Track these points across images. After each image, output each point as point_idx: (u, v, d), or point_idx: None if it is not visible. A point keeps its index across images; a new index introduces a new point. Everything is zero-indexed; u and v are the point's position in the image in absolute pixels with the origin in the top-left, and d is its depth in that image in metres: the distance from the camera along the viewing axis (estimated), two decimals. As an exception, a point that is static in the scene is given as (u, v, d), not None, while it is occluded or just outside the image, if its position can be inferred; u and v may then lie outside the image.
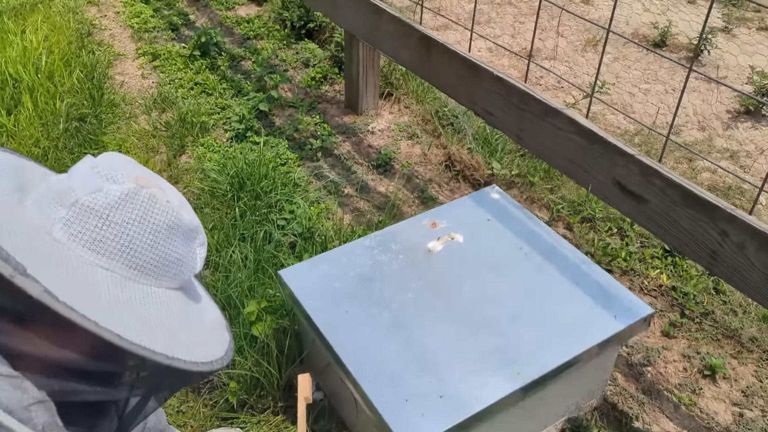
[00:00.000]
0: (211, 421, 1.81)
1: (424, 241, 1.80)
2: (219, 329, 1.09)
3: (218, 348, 1.04)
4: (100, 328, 0.84)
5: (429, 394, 1.42)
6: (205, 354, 0.99)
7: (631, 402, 1.87)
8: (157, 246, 0.96)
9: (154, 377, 1.02)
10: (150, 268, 0.96)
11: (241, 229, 2.30)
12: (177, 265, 0.99)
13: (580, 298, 1.63)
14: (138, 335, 0.88)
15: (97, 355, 0.93)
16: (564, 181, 2.63)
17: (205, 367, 0.97)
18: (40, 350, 0.89)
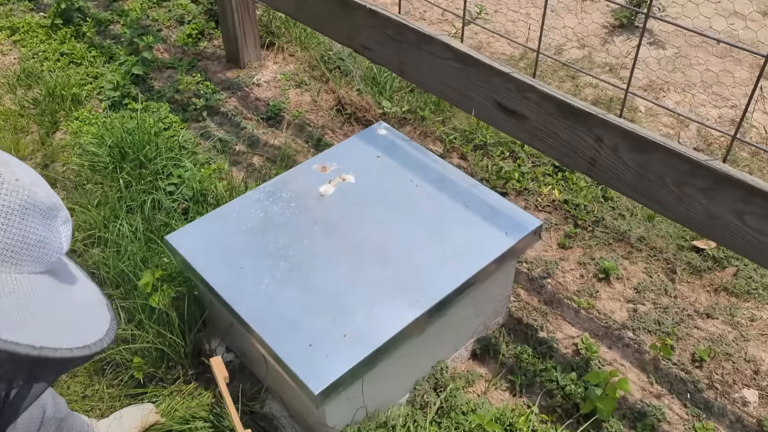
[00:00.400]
0: (120, 401, 1.75)
1: (315, 186, 1.77)
2: (97, 309, 1.03)
3: (97, 329, 0.97)
4: None
5: (332, 334, 1.41)
6: (81, 338, 0.93)
7: (535, 314, 1.94)
8: (10, 229, 0.88)
9: (24, 369, 0.95)
10: (6, 254, 0.88)
11: (127, 201, 2.18)
12: (38, 247, 0.92)
13: (472, 221, 1.65)
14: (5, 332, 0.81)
15: None
16: (454, 112, 2.64)
17: (81, 351, 0.91)
18: None
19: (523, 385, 1.76)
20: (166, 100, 2.78)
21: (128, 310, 1.83)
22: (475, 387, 1.79)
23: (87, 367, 1.81)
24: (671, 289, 1.99)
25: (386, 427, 1.56)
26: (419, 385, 1.70)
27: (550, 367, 1.77)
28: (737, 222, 1.44)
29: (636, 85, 2.93)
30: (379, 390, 1.56)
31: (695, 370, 1.79)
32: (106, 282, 1.93)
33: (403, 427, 1.57)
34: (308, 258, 1.58)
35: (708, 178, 1.44)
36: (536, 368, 1.78)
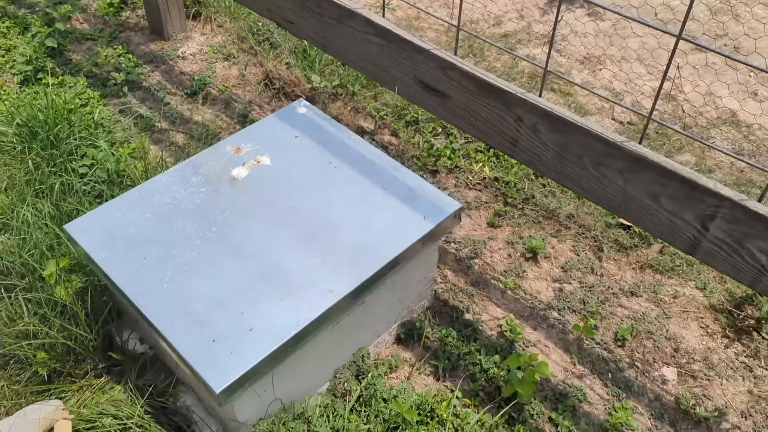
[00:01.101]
0: (25, 398, 1.66)
1: (228, 169, 1.68)
2: None
3: None
4: None
5: (238, 329, 1.35)
6: None
7: (461, 296, 1.91)
8: None
9: None
10: None
11: (36, 185, 2.06)
12: None
13: (391, 204, 1.59)
14: None
15: None
16: (386, 89, 2.56)
17: None
18: None
19: (446, 369, 1.74)
20: (84, 75, 2.62)
21: (33, 301, 1.73)
22: (398, 372, 1.75)
23: (-11, 364, 1.71)
24: (598, 267, 1.99)
25: (303, 419, 1.51)
26: (339, 374, 1.66)
27: (474, 350, 1.75)
28: (653, 204, 1.42)
29: (574, 57, 2.90)
30: (295, 381, 1.51)
31: (617, 349, 1.79)
32: (11, 272, 1.81)
33: (320, 417, 1.53)
34: (216, 247, 1.50)
35: (625, 159, 1.41)
36: (460, 351, 1.76)
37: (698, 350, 1.78)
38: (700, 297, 1.91)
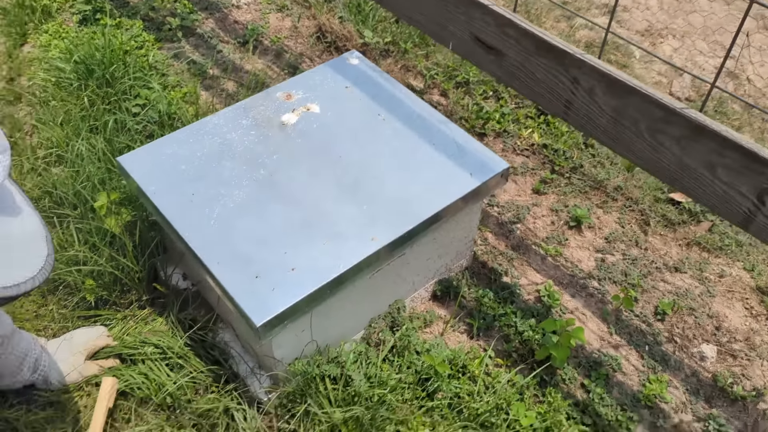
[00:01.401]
0: (72, 322, 1.72)
1: (278, 114, 1.69)
2: (36, 243, 0.99)
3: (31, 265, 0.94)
4: None
5: (281, 267, 1.37)
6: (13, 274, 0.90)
7: (500, 259, 1.90)
8: None
9: None
10: None
11: (90, 120, 2.11)
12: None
13: (438, 159, 1.58)
14: None
15: None
16: (438, 48, 2.53)
17: (8, 291, 0.88)
18: None
19: (480, 328, 1.74)
20: (140, 18, 2.65)
21: (84, 231, 1.79)
22: (432, 328, 1.76)
23: (41, 287, 1.78)
24: (642, 241, 1.95)
25: (337, 363, 1.54)
26: (374, 323, 1.68)
27: (510, 312, 1.74)
28: (708, 174, 1.38)
29: (634, 28, 2.81)
30: (331, 325, 1.53)
31: (656, 323, 1.77)
32: (63, 202, 1.87)
33: (354, 363, 1.55)
34: (263, 189, 1.52)
35: (683, 127, 1.37)
36: (496, 312, 1.76)
37: (741, 330, 1.74)
38: (747, 278, 1.86)
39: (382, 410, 1.46)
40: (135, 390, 1.57)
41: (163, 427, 1.51)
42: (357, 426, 1.44)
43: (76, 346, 1.62)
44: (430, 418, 1.53)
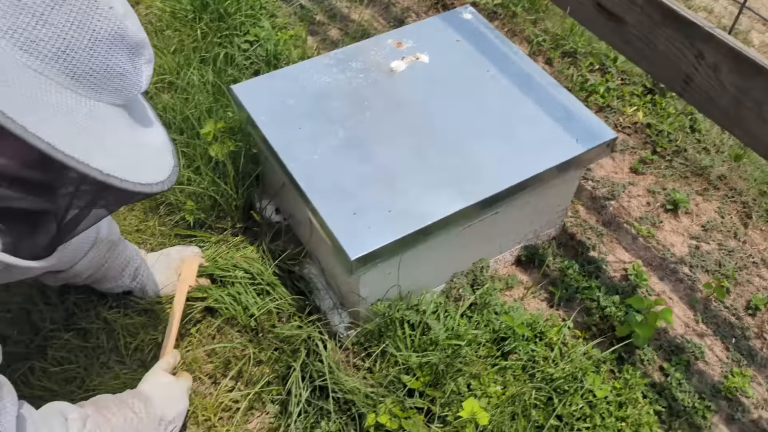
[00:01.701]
0: (169, 240, 1.82)
1: (387, 61, 1.70)
2: (165, 153, 1.04)
3: (161, 171, 0.99)
4: (28, 134, 0.78)
5: (378, 208, 1.40)
6: (145, 175, 0.94)
7: (589, 233, 1.87)
8: (96, 55, 0.88)
9: (89, 193, 0.97)
10: (89, 78, 0.88)
11: (202, 52, 2.18)
12: (119, 80, 0.92)
13: (543, 121, 1.56)
14: (72, 147, 0.82)
15: (29, 164, 0.88)
16: (549, 14, 2.47)
17: (144, 188, 0.93)
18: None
19: (562, 298, 1.73)
20: (255, -42, 2.70)
21: (188, 155, 1.87)
22: (512, 292, 1.77)
23: (143, 203, 1.88)
24: (741, 234, 1.88)
25: (416, 310, 1.57)
26: (456, 279, 1.69)
27: (594, 286, 1.72)
28: (835, 166, 1.31)
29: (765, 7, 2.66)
30: (416, 272, 1.56)
31: (747, 317, 1.71)
32: (171, 127, 1.96)
33: (433, 314, 1.58)
34: (368, 130, 1.54)
35: (813, 114, 1.30)
36: (579, 285, 1.74)
37: (838, 337, 1.67)
38: None
39: (456, 362, 1.48)
40: (222, 309, 1.65)
41: (246, 346, 1.58)
42: (431, 372, 1.46)
43: (173, 262, 1.71)
44: (502, 377, 1.54)
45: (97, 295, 1.67)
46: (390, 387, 1.46)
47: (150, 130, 1.07)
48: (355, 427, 1.44)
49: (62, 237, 1.04)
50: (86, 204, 0.99)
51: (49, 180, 0.93)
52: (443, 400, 1.45)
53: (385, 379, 1.47)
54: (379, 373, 1.50)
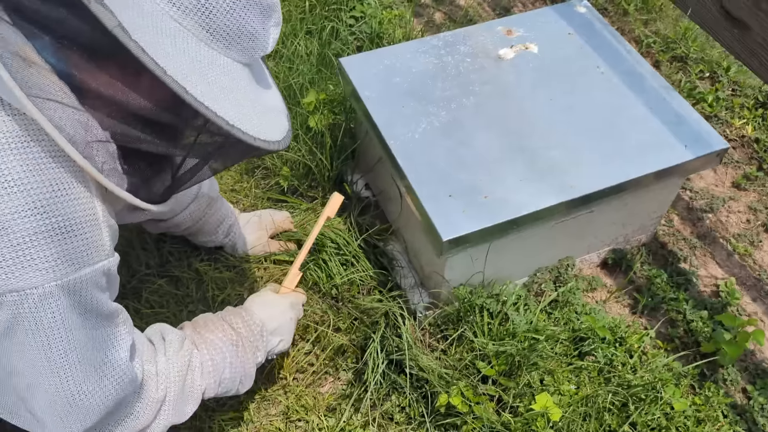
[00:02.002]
0: (261, 202, 1.88)
1: (496, 48, 1.69)
2: (281, 115, 1.08)
3: (277, 131, 1.03)
4: (167, 77, 0.83)
5: (475, 193, 1.40)
6: (264, 132, 0.98)
7: (682, 244, 1.81)
8: (233, 12, 0.92)
9: (212, 142, 1.03)
10: (222, 34, 0.92)
11: (308, 23, 2.23)
12: (249, 39, 0.96)
13: (652, 123, 1.52)
14: (203, 94, 0.87)
15: (162, 106, 0.93)
16: (661, 15, 2.39)
17: (262, 144, 0.96)
18: (109, 90, 0.89)
19: (646, 306, 1.69)
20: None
21: (288, 123, 1.92)
22: (595, 294, 1.74)
23: (241, 165, 1.95)
24: None
25: (497, 299, 1.57)
26: (540, 273, 1.68)
27: (682, 298, 1.67)
28: None
29: None
30: (502, 262, 1.55)
31: None
32: (273, 94, 2.01)
33: (513, 305, 1.58)
34: (470, 115, 1.55)
35: None
36: (666, 295, 1.69)
37: None
38: None
39: (533, 355, 1.48)
40: (306, 275, 1.69)
41: (326, 312, 1.62)
42: (506, 362, 1.46)
43: (264, 223, 1.77)
44: (577, 377, 1.52)
45: (190, 246, 1.75)
46: (464, 371, 1.47)
47: (269, 92, 1.11)
48: (426, 404, 1.47)
49: (179, 185, 1.10)
50: (205, 154, 1.04)
51: (178, 125, 0.98)
52: (516, 391, 1.45)
53: (459, 362, 1.49)
54: (452, 356, 1.51)
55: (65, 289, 0.91)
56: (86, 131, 0.88)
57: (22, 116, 0.87)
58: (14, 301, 0.88)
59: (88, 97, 0.90)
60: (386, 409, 1.49)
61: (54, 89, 0.86)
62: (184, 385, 1.19)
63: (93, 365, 1.00)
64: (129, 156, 0.97)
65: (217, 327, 1.29)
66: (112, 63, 0.88)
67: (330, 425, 1.48)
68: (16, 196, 0.85)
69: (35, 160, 0.87)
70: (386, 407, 1.49)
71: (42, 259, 0.88)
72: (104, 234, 0.96)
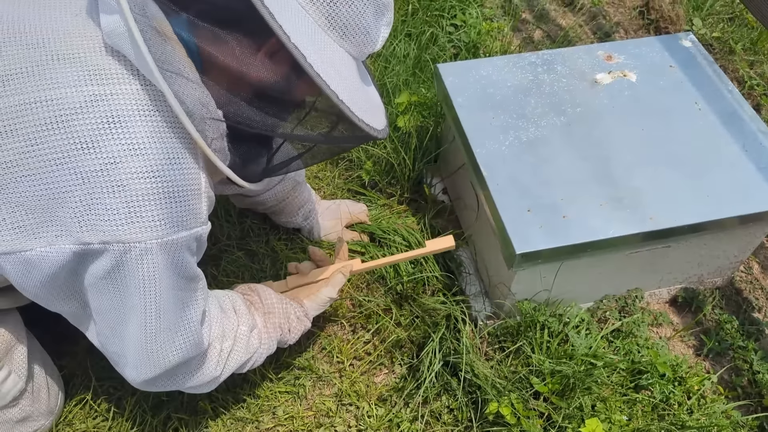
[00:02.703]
0: (342, 192, 1.95)
1: (593, 71, 1.70)
2: (380, 110, 1.14)
3: (379, 123, 1.08)
4: (291, 44, 0.90)
5: (553, 211, 1.42)
6: (368, 119, 1.04)
7: (758, 293, 1.77)
8: (354, 5, 0.98)
9: (319, 124, 1.10)
10: (341, 24, 0.99)
11: (409, 26, 2.28)
12: (363, 34, 1.02)
13: (745, 166, 1.50)
14: (320, 69, 0.94)
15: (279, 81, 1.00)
16: (769, 58, 2.32)
17: (366, 128, 1.02)
18: (230, 66, 0.97)
19: (712, 350, 1.66)
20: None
21: (377, 120, 1.98)
22: (660, 330, 1.72)
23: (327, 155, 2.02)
24: None
25: (560, 320, 1.58)
26: (607, 300, 1.68)
27: (751, 348, 1.63)
28: None
29: None
30: (570, 283, 1.56)
31: None
32: (366, 90, 2.08)
33: (575, 328, 1.58)
34: (559, 134, 1.56)
35: None
36: (734, 342, 1.65)
37: None
38: None
39: (588, 380, 1.48)
40: (376, 268, 1.75)
41: (389, 306, 1.67)
42: (560, 382, 1.47)
43: (342, 212, 1.83)
44: (630, 409, 1.52)
45: (269, 224, 1.83)
46: (517, 384, 1.49)
47: (371, 88, 1.17)
48: (474, 410, 1.49)
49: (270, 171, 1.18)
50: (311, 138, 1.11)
51: (290, 100, 1.05)
52: (567, 411, 1.45)
53: (513, 375, 1.51)
54: (507, 367, 1.53)
55: (163, 248, 1.00)
56: (204, 107, 0.96)
57: (151, 87, 0.96)
58: (119, 250, 0.97)
59: (211, 74, 0.98)
60: (435, 408, 1.52)
61: (182, 65, 0.94)
62: (248, 344, 1.27)
63: (171, 321, 1.09)
64: (236, 138, 1.05)
65: (274, 295, 1.39)
66: (237, 37, 0.96)
67: (379, 414, 1.53)
68: (138, 158, 0.94)
69: (158, 128, 0.96)
70: (436, 406, 1.53)
71: (149, 218, 0.97)
72: (203, 203, 1.04)
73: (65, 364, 1.55)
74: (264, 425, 1.51)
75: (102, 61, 0.95)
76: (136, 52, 0.90)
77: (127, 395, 1.52)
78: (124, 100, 0.94)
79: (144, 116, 0.95)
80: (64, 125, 0.92)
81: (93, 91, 0.93)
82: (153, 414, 1.50)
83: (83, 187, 0.93)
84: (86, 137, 0.92)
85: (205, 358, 1.20)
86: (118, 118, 0.93)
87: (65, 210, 0.95)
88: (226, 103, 0.99)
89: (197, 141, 0.96)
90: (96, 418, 1.50)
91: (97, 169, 0.93)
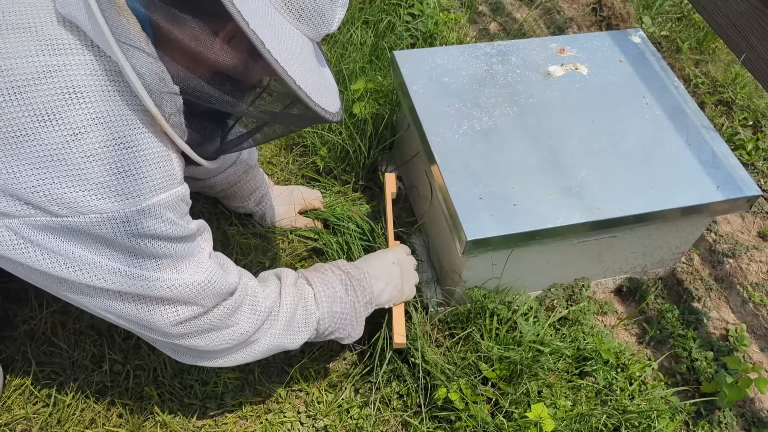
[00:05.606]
0: (296, 178, 1.93)
1: (546, 63, 1.73)
2: (335, 93, 1.14)
3: (333, 106, 1.08)
4: (255, 36, 0.89)
5: (504, 199, 1.44)
6: (323, 101, 1.04)
7: (698, 284, 1.83)
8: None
9: (273, 103, 1.09)
10: (297, 8, 0.99)
11: (367, 14, 2.28)
12: (318, 17, 1.02)
13: (688, 159, 1.55)
14: (277, 52, 0.93)
15: (235, 62, 0.99)
16: (714, 58, 2.40)
17: (320, 111, 1.02)
18: (186, 43, 0.95)
19: (653, 338, 1.71)
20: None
21: (332, 106, 1.97)
22: (605, 318, 1.76)
23: (281, 139, 2.00)
24: None
25: (509, 307, 1.60)
26: (554, 289, 1.71)
27: (690, 336, 1.69)
28: None
29: None
30: (519, 271, 1.59)
31: (844, 414, 1.63)
32: (322, 76, 2.07)
33: (523, 315, 1.61)
34: (511, 124, 1.58)
35: None
36: (674, 331, 1.71)
37: None
38: None
39: (535, 366, 1.51)
40: (329, 253, 1.74)
41: (342, 293, 1.67)
42: (508, 368, 1.50)
43: (295, 199, 1.82)
44: (574, 395, 1.55)
45: (221, 209, 1.80)
46: (466, 369, 1.51)
47: (326, 69, 1.16)
48: (424, 395, 1.51)
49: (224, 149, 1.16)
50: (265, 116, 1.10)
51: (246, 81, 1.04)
52: (513, 397, 1.48)
53: (462, 361, 1.52)
54: (457, 354, 1.55)
55: (143, 213, 0.98)
56: (161, 82, 0.94)
57: (106, 58, 0.93)
58: (94, 221, 0.95)
59: (167, 49, 0.96)
60: (386, 394, 1.53)
61: (138, 38, 0.92)
62: (296, 314, 1.26)
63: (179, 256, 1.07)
64: (192, 113, 1.03)
65: (328, 267, 1.37)
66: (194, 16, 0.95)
67: (328, 400, 1.53)
68: (103, 128, 0.92)
69: (114, 99, 0.93)
70: (386, 392, 1.53)
71: (127, 186, 0.95)
72: (175, 165, 1.02)
73: (3, 349, 1.50)
74: (211, 411, 1.49)
75: (55, 31, 0.92)
76: (92, 23, 0.88)
77: (69, 381, 1.47)
78: (79, 71, 0.92)
79: (100, 88, 0.93)
80: (21, 96, 0.90)
81: (46, 62, 0.91)
82: (96, 400, 1.46)
83: (47, 161, 0.91)
84: (45, 108, 0.90)
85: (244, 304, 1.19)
86: (75, 89, 0.91)
87: (27, 181, 0.92)
88: (182, 78, 0.98)
89: (155, 115, 0.95)
90: (36, 403, 1.45)
91: (62, 142, 0.90)
